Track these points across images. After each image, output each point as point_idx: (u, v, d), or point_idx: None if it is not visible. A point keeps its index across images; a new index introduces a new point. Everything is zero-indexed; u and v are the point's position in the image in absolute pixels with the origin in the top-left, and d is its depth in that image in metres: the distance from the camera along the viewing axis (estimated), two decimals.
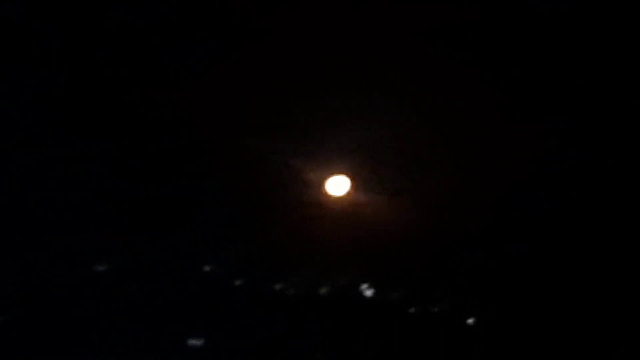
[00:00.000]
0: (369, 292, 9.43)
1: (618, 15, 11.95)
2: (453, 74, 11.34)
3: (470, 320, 9.50)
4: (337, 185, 9.50)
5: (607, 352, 10.94)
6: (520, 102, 11.98)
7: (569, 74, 12.03)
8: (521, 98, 12.03)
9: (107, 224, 9.84)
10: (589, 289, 11.86)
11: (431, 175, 9.89)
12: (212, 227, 9.66)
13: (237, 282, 9.50)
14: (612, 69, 12.01)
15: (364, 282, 9.56)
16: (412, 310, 9.29)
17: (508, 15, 11.59)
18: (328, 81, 10.14)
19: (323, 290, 9.46)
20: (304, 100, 9.98)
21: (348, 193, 9.41)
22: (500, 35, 11.77)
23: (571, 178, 12.49)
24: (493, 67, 11.84)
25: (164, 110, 10.32)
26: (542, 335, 10.96)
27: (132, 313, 9.39)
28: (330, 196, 9.54)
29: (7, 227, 10.46)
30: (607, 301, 11.60)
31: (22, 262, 10.29)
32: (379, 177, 9.61)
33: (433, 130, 10.34)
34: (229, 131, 9.76)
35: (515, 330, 10.19)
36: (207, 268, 9.58)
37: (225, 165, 9.63)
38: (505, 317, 10.22)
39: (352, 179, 9.47)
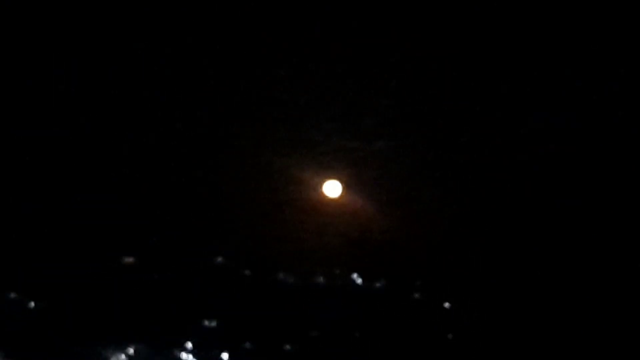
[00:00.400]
0: (358, 281, 11.00)
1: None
2: (445, 82, 12.36)
3: (446, 305, 11.08)
4: (332, 189, 10.88)
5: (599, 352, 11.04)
6: (513, 108, 12.96)
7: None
8: (514, 103, 13.01)
9: (131, 221, 11.32)
10: (576, 287, 12.94)
11: (419, 182, 11.19)
12: (224, 224, 11.15)
13: (246, 272, 11.06)
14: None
15: (354, 272, 11.11)
16: (394, 295, 10.86)
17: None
18: (326, 99, 11.31)
19: (319, 279, 11.03)
20: (305, 115, 11.20)
21: (341, 196, 10.78)
22: (489, 45, 12.69)
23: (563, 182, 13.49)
24: (486, 71, 12.79)
25: (181, 117, 11.57)
26: (525, 327, 12.17)
27: (154, 299, 11.04)
28: (325, 198, 10.93)
29: (38, 218, 12.01)
30: (597, 304, 12.22)
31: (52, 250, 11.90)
32: (369, 182, 10.94)
33: (423, 139, 11.53)
34: (240, 142, 11.07)
35: (491, 317, 11.65)
36: (219, 259, 11.13)
37: (236, 170, 10.99)
38: (479, 303, 11.72)
39: (345, 184, 10.81)
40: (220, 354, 11.38)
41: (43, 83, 12.01)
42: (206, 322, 11.50)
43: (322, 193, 11.29)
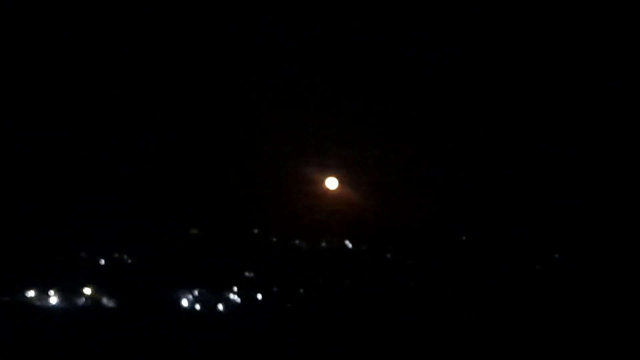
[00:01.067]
0: (349, 245, 16.66)
1: None
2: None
3: (409, 262, 16.71)
4: (331, 184, 16.39)
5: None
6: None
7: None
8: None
9: (195, 204, 16.86)
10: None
11: (403, 176, 16.55)
12: (258, 207, 16.71)
13: (273, 239, 16.72)
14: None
15: (346, 239, 16.77)
16: (372, 255, 16.53)
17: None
18: (328, 113, 16.46)
19: (322, 244, 16.68)
20: (311, 129, 16.49)
21: (338, 188, 16.29)
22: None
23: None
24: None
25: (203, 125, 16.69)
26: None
27: (213, 258, 16.76)
28: (327, 190, 16.46)
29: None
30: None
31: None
32: (358, 180, 16.45)
33: (408, 148, 16.64)
34: (267, 151, 16.41)
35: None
36: (255, 230, 16.78)
37: (265, 172, 16.44)
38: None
39: (341, 180, 16.32)
40: (256, 295, 17.10)
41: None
42: (246, 274, 17.20)
43: (324, 186, 16.77)
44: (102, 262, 18.12)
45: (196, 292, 17.61)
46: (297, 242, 17.66)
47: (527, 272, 18.14)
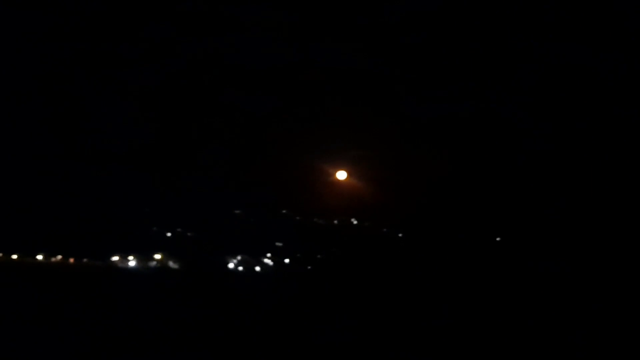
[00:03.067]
0: (355, 222, 22.18)
1: None
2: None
3: (400, 235, 22.15)
4: (341, 175, 21.86)
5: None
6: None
7: None
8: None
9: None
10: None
11: (399, 171, 21.77)
12: (284, 194, 22.23)
13: (297, 217, 22.27)
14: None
15: (352, 217, 22.34)
16: (374, 231, 22.00)
17: None
18: (339, 119, 21.55)
19: (334, 222, 22.23)
20: (326, 131, 21.76)
21: (346, 179, 21.76)
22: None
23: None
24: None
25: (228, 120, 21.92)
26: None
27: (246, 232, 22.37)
28: (337, 180, 21.92)
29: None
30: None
31: None
32: (363, 173, 21.88)
33: (407, 142, 21.62)
34: (287, 148, 21.81)
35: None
36: (284, 211, 22.36)
37: (284, 165, 21.87)
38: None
39: (348, 172, 21.77)
40: (284, 260, 22.81)
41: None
42: (277, 244, 22.88)
43: (336, 177, 22.29)
44: (169, 234, 23.92)
45: (239, 257, 23.44)
46: (315, 219, 23.37)
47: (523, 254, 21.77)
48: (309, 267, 23.23)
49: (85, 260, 23.91)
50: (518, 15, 19.82)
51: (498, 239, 22.78)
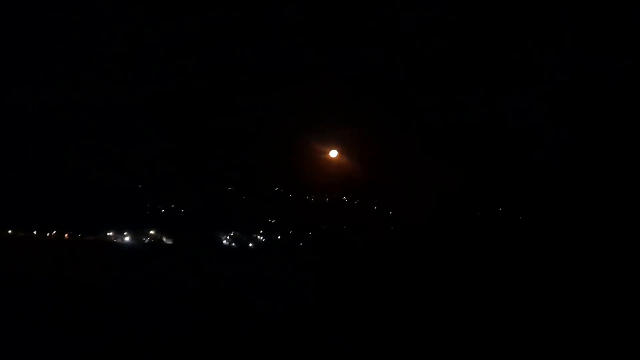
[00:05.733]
0: (345, 199, 22.62)
1: None
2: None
3: (390, 212, 22.61)
4: (334, 153, 22.25)
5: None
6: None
7: None
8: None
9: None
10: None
11: (387, 150, 22.17)
12: (280, 170, 22.62)
13: (289, 195, 22.67)
14: None
15: (344, 195, 22.78)
16: (363, 207, 22.48)
17: None
18: (331, 102, 21.90)
19: (326, 199, 22.66)
20: (318, 112, 22.11)
21: (337, 156, 22.14)
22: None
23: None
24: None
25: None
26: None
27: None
28: (330, 157, 22.30)
29: None
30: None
31: None
32: (353, 152, 22.27)
33: (395, 123, 22.06)
34: (280, 128, 22.18)
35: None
36: (276, 188, 22.79)
37: (277, 144, 22.26)
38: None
39: (340, 151, 22.17)
40: (277, 236, 23.25)
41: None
42: (270, 220, 23.32)
43: (327, 155, 22.64)
44: (163, 211, 24.30)
45: (232, 234, 23.85)
46: (307, 197, 23.76)
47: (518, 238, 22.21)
48: (301, 244, 23.69)
49: (80, 235, 24.29)
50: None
51: (496, 211, 23.32)
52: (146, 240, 24.08)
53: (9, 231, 24.10)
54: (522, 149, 22.32)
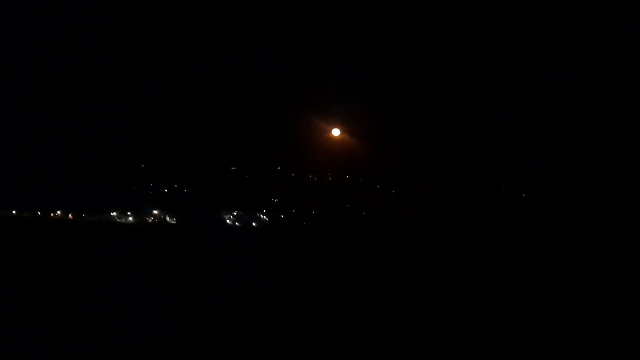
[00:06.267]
0: (348, 178, 22.65)
1: None
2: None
3: (393, 191, 22.61)
4: (336, 132, 22.22)
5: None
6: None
7: None
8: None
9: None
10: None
11: (387, 130, 22.18)
12: (283, 150, 22.68)
13: (292, 174, 22.70)
14: None
15: (346, 174, 22.80)
16: (363, 185, 22.53)
17: None
18: (334, 82, 21.87)
19: (328, 178, 22.69)
20: (321, 91, 22.03)
21: (340, 135, 22.13)
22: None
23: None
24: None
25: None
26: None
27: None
28: (332, 136, 22.31)
29: None
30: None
31: None
32: (354, 131, 22.26)
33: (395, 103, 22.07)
34: (284, 108, 22.17)
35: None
36: (279, 167, 22.80)
37: (280, 123, 22.26)
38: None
39: (342, 129, 22.15)
40: (280, 215, 23.30)
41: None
42: (273, 200, 23.34)
43: (330, 134, 22.60)
44: (166, 190, 24.35)
45: (235, 213, 23.89)
46: (309, 176, 23.75)
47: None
48: (304, 223, 23.72)
49: (83, 215, 24.42)
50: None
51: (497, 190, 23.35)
52: (150, 220, 24.20)
53: (13, 211, 24.27)
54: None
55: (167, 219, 24.24)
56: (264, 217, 23.83)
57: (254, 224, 23.90)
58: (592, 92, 20.21)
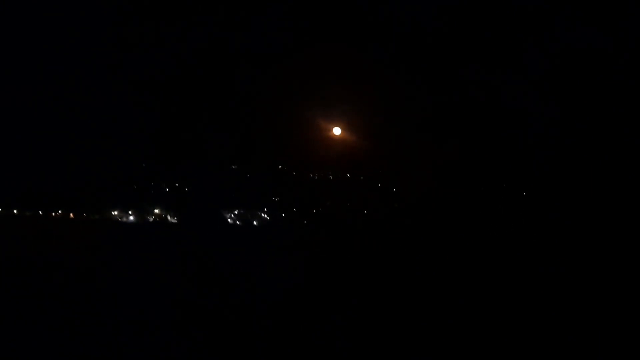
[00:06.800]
0: (349, 176, 22.67)
1: None
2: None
3: (394, 189, 22.61)
4: (337, 130, 22.26)
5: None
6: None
7: None
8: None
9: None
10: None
11: (389, 128, 22.25)
12: (285, 149, 22.68)
13: (293, 173, 22.71)
14: None
15: (347, 173, 22.83)
16: (363, 184, 22.56)
17: None
18: (335, 81, 21.93)
19: (329, 176, 22.69)
20: (322, 91, 22.08)
21: (341, 134, 22.16)
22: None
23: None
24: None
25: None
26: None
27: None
28: (334, 135, 22.35)
29: None
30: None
31: None
32: (355, 130, 22.26)
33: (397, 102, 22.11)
34: (285, 107, 22.21)
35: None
36: (280, 166, 22.81)
37: (281, 123, 22.31)
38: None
39: (343, 129, 22.17)
40: (281, 214, 23.31)
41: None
42: (274, 198, 23.37)
43: (331, 134, 22.64)
44: (167, 189, 24.37)
45: (236, 212, 23.92)
46: (310, 174, 23.75)
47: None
48: (305, 221, 23.74)
49: (85, 214, 24.44)
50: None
51: (500, 190, 23.33)
52: (151, 219, 24.21)
53: (14, 211, 24.31)
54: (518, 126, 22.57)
55: (168, 217, 24.25)
56: (265, 215, 23.85)
57: (255, 222, 23.91)
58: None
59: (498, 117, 22.66)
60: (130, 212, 24.30)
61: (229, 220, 24.04)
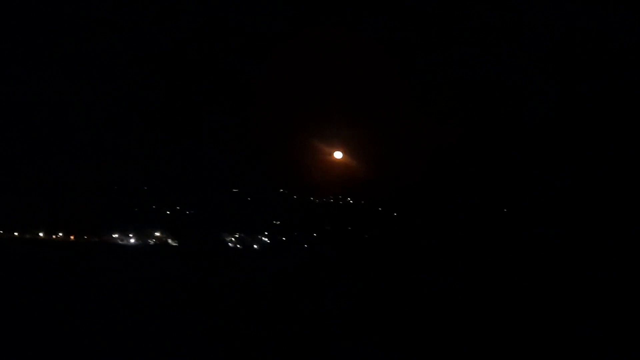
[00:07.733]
0: (350, 200, 22.62)
1: None
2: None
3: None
4: (338, 154, 22.33)
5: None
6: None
7: None
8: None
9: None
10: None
11: (391, 153, 22.29)
12: (287, 171, 22.75)
13: (294, 196, 22.73)
14: None
15: (348, 196, 22.83)
16: (366, 208, 22.52)
17: None
18: (336, 106, 21.99)
19: (330, 200, 22.69)
20: (324, 116, 22.17)
21: (342, 157, 22.20)
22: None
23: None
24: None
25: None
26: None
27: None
28: (335, 159, 22.40)
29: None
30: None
31: None
32: (356, 154, 22.32)
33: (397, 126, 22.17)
34: (287, 131, 22.26)
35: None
36: (281, 190, 22.86)
37: (283, 147, 22.35)
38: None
39: (344, 153, 22.24)
40: (281, 237, 23.27)
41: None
42: (274, 222, 23.34)
43: (332, 158, 22.70)
44: (168, 212, 24.37)
45: (237, 235, 23.89)
46: (311, 198, 23.78)
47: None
48: (306, 245, 23.72)
49: (85, 237, 24.41)
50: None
51: (502, 212, 23.18)
52: (152, 242, 24.19)
53: (15, 233, 24.28)
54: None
55: (169, 240, 24.22)
56: (266, 239, 23.83)
57: (255, 246, 23.88)
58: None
59: (502, 141, 22.66)
60: (130, 235, 24.28)
61: (230, 243, 24.01)
